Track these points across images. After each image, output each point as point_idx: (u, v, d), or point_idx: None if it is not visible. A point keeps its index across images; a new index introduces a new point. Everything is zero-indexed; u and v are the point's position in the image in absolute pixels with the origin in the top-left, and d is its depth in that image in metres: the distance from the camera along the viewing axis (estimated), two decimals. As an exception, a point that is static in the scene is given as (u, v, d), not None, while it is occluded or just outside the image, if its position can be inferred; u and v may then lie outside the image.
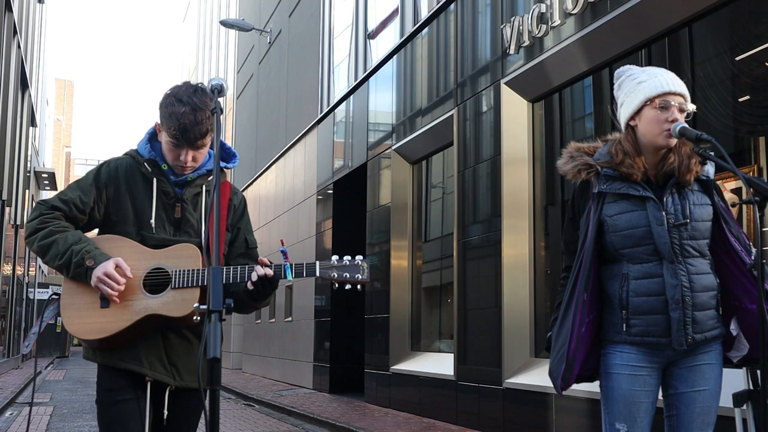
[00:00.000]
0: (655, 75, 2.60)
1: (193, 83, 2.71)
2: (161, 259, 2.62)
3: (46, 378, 18.29)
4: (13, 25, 18.78)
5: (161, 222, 2.69)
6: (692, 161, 2.58)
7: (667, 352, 2.56)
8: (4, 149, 17.68)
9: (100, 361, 2.67)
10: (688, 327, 2.50)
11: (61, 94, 57.66)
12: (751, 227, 5.03)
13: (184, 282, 2.57)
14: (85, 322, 2.58)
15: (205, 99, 2.60)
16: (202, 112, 2.58)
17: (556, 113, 7.64)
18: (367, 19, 12.31)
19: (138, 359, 2.62)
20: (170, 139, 2.62)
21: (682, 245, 2.53)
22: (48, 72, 37.25)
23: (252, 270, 2.60)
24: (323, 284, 13.04)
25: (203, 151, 2.68)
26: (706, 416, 2.58)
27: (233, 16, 23.80)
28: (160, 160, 2.72)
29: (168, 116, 2.60)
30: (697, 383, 2.58)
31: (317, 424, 8.93)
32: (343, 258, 2.69)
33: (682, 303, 2.49)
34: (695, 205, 2.57)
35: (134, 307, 2.57)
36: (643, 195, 2.55)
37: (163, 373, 2.65)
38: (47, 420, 9.33)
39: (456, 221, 8.52)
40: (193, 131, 2.58)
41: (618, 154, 2.60)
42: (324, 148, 13.81)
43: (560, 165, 2.72)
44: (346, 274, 2.68)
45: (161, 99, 2.67)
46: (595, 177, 2.61)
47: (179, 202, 2.72)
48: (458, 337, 8.24)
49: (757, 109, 5.46)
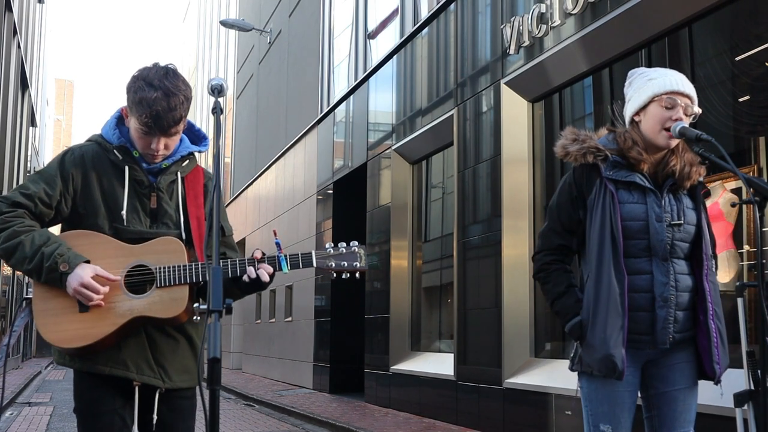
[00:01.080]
0: (666, 74, 2.61)
1: (163, 64, 2.49)
2: (141, 255, 2.40)
3: (46, 378, 18.30)
4: (13, 25, 18.78)
5: (136, 213, 2.47)
6: (693, 169, 2.58)
7: (647, 351, 2.56)
8: (4, 149, 17.68)
9: (79, 366, 2.44)
10: (670, 326, 2.51)
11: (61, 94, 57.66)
12: (751, 227, 5.03)
13: (169, 280, 2.37)
14: (63, 329, 2.34)
15: (178, 82, 2.40)
16: (175, 97, 2.37)
17: (556, 113, 7.64)
18: (367, 19, 12.31)
19: (123, 363, 2.41)
20: (141, 127, 2.39)
21: (673, 245, 2.54)
22: (48, 72, 37.25)
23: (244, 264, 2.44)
24: (323, 284, 13.04)
25: (176, 137, 2.48)
26: (688, 414, 2.59)
27: (233, 16, 23.79)
28: (131, 147, 2.48)
29: (138, 102, 2.37)
30: (677, 382, 2.58)
31: (317, 424, 8.93)
32: (339, 245, 2.55)
33: (668, 301, 2.50)
34: (687, 208, 2.59)
35: (117, 310, 2.36)
36: (648, 187, 2.55)
37: (151, 375, 2.45)
38: (47, 420, 9.33)
39: (456, 221, 8.51)
40: (167, 118, 2.37)
41: (627, 140, 2.59)
42: (324, 148, 13.81)
43: (563, 145, 2.67)
44: (344, 263, 2.54)
45: (129, 82, 2.43)
46: (603, 162, 2.59)
47: (154, 192, 2.50)
48: (458, 337, 8.24)
49: (757, 109, 5.45)
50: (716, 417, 4.47)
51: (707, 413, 4.36)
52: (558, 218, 2.69)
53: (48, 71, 37.31)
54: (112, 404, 2.44)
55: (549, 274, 2.65)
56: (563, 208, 2.67)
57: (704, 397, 2.78)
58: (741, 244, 5.27)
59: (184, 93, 2.41)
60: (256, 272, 2.44)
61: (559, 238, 2.67)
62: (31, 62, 24.57)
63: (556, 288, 2.63)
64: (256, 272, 2.44)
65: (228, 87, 2.92)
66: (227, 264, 2.44)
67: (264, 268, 2.45)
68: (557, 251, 2.67)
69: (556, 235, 2.68)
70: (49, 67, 38.79)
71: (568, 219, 2.66)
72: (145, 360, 2.45)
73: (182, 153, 2.56)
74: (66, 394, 13.14)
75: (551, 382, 6.58)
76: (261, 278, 2.45)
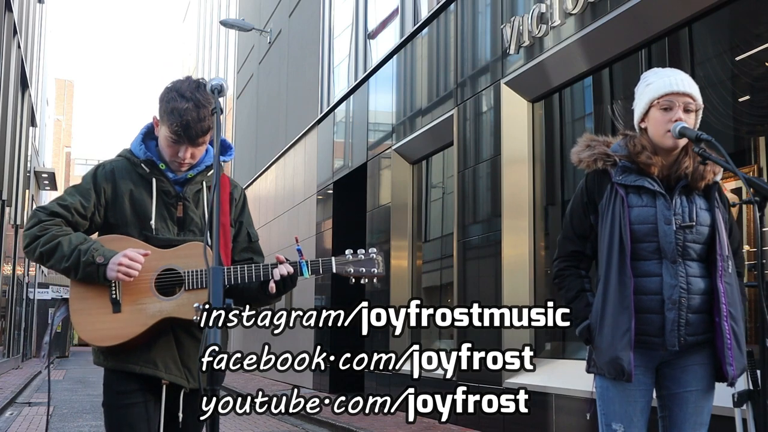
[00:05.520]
0: (663, 76, 2.61)
1: (195, 78, 2.64)
2: (171, 260, 2.55)
3: (46, 378, 18.27)
4: (13, 25, 18.78)
5: (164, 222, 2.62)
6: (707, 169, 2.58)
7: (659, 352, 2.56)
8: (4, 149, 17.68)
9: (112, 365, 2.59)
10: (681, 328, 2.51)
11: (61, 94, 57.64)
12: (751, 227, 5.03)
13: (197, 283, 2.51)
14: (98, 328, 2.51)
15: (207, 96, 2.54)
16: (204, 108, 2.53)
17: (556, 113, 7.64)
18: (367, 19, 12.31)
19: (153, 362, 2.56)
20: (170, 135, 2.55)
21: (685, 246, 2.53)
22: (48, 72, 37.25)
23: (267, 268, 2.54)
24: (323, 284, 13.05)
25: (202, 148, 2.62)
26: (699, 416, 2.58)
27: (233, 16, 23.80)
28: (157, 160, 2.64)
29: (170, 111, 2.53)
30: (689, 383, 2.58)
31: (317, 424, 8.93)
32: (358, 252, 2.64)
33: (678, 304, 2.50)
34: (701, 209, 2.58)
35: (148, 311, 2.50)
36: (657, 190, 2.55)
37: (178, 375, 2.59)
38: (47, 420, 9.32)
39: (456, 221, 8.52)
40: (196, 128, 2.52)
41: (636, 146, 2.60)
42: (324, 148, 13.81)
43: (576, 152, 2.72)
44: (362, 269, 2.63)
45: (162, 92, 2.60)
46: (612, 167, 2.62)
47: (181, 201, 2.65)
48: (458, 337, 8.24)
49: (757, 109, 5.46)
50: (715, 417, 4.47)
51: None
52: (571, 225, 2.74)
53: (48, 71, 37.32)
54: (138, 398, 2.57)
55: (563, 280, 2.72)
56: (575, 215, 2.72)
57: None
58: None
59: (212, 106, 2.52)
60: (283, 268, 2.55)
61: (573, 244, 2.72)
62: (31, 62, 24.57)
63: (568, 293, 2.70)
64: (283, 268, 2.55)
65: (228, 87, 2.94)
66: (259, 268, 2.55)
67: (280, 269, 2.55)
68: (571, 257, 2.72)
69: (569, 241, 2.73)
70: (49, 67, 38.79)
71: (580, 225, 2.70)
72: (172, 360, 2.59)
73: (207, 163, 2.69)
74: (66, 394, 13.14)
75: (551, 382, 6.58)
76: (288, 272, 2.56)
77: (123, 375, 2.57)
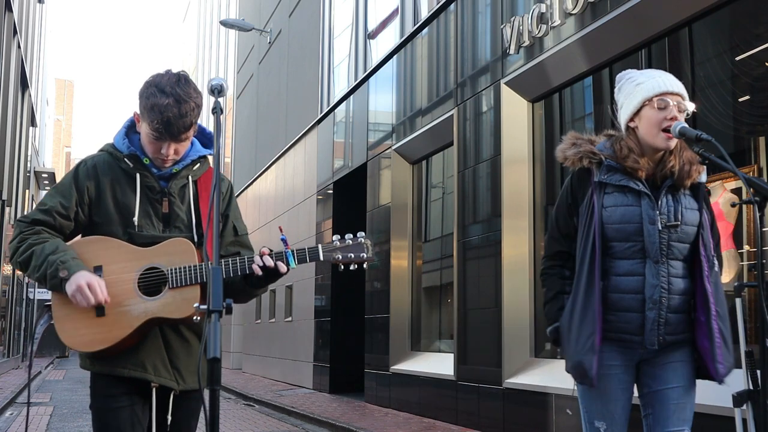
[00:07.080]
0: (653, 76, 2.62)
1: (175, 71, 2.54)
2: (153, 258, 2.46)
3: (46, 378, 18.30)
4: (13, 25, 18.79)
5: (148, 219, 2.54)
6: (692, 168, 2.58)
7: (639, 351, 2.58)
8: (4, 149, 17.68)
9: (99, 369, 2.52)
10: (661, 327, 2.53)
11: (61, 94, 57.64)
12: (751, 227, 5.03)
13: (181, 280, 2.43)
14: (82, 333, 2.42)
15: (189, 90, 2.45)
16: (186, 104, 2.42)
17: (556, 113, 7.64)
18: (367, 19, 12.31)
19: (141, 365, 2.49)
20: (152, 132, 2.45)
21: (669, 246, 2.54)
22: (48, 72, 37.26)
23: (252, 262, 2.49)
24: (323, 284, 13.04)
25: (186, 143, 2.53)
26: (681, 413, 2.59)
27: (233, 16, 23.80)
28: (141, 154, 2.55)
29: (150, 108, 2.42)
30: (670, 380, 2.59)
31: (317, 424, 8.93)
32: (345, 237, 2.57)
33: (659, 304, 2.51)
34: (687, 208, 2.59)
35: (133, 313, 2.42)
36: (642, 190, 2.55)
37: (167, 377, 2.52)
38: (47, 420, 9.33)
39: (456, 221, 8.52)
40: (177, 125, 2.42)
41: (623, 149, 2.60)
42: (324, 148, 13.81)
43: (561, 149, 2.73)
44: (351, 255, 2.56)
45: (141, 88, 2.49)
46: (597, 166, 2.62)
47: (166, 197, 2.56)
48: (458, 337, 8.24)
49: (757, 109, 5.46)
50: (715, 417, 4.47)
51: (706, 413, 4.36)
52: (556, 225, 2.76)
53: (48, 71, 37.32)
54: (127, 401, 2.51)
55: (545, 280, 2.76)
56: (560, 215, 2.74)
57: (703, 397, 2.78)
58: (741, 244, 5.27)
59: (195, 100, 2.46)
60: (262, 260, 2.50)
61: (558, 244, 2.74)
62: (31, 62, 24.57)
63: (547, 294, 2.75)
64: (262, 260, 2.50)
65: (228, 87, 2.90)
66: (235, 262, 2.50)
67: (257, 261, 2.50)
68: (556, 257, 2.74)
69: (555, 241, 2.75)
70: (49, 67, 38.80)
71: (565, 225, 2.72)
72: (161, 362, 2.52)
73: (192, 157, 2.61)
74: (66, 394, 13.14)
75: (551, 382, 6.58)
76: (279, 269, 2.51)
77: (110, 378, 2.51)
